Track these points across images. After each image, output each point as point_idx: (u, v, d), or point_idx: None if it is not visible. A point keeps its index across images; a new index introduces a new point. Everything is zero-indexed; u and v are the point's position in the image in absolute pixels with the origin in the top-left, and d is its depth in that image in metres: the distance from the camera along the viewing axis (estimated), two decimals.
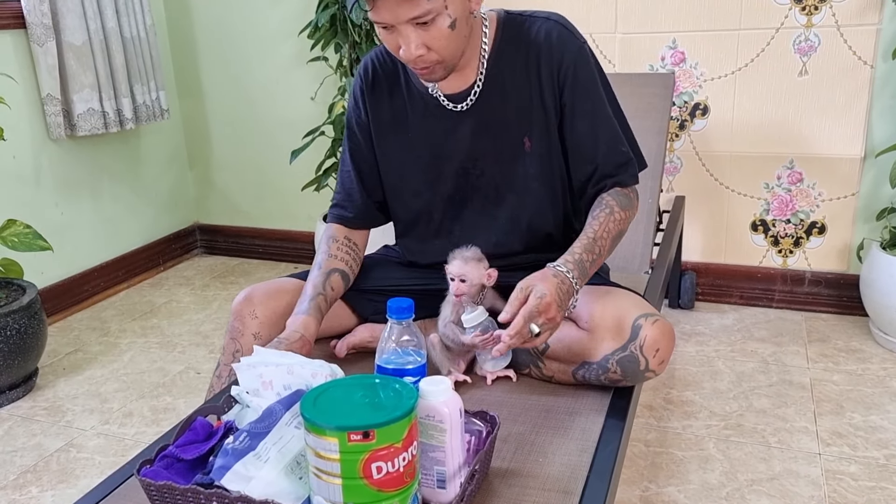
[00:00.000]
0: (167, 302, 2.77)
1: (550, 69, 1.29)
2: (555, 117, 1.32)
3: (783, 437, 1.75)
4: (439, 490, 0.95)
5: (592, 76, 1.31)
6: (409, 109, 1.37)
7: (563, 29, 1.30)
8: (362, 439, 0.83)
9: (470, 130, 1.34)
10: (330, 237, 1.44)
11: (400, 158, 1.40)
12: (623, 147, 1.33)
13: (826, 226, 2.33)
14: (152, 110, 2.78)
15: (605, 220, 1.26)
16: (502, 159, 1.35)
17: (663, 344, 1.19)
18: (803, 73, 2.22)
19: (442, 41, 1.18)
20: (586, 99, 1.30)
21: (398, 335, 0.94)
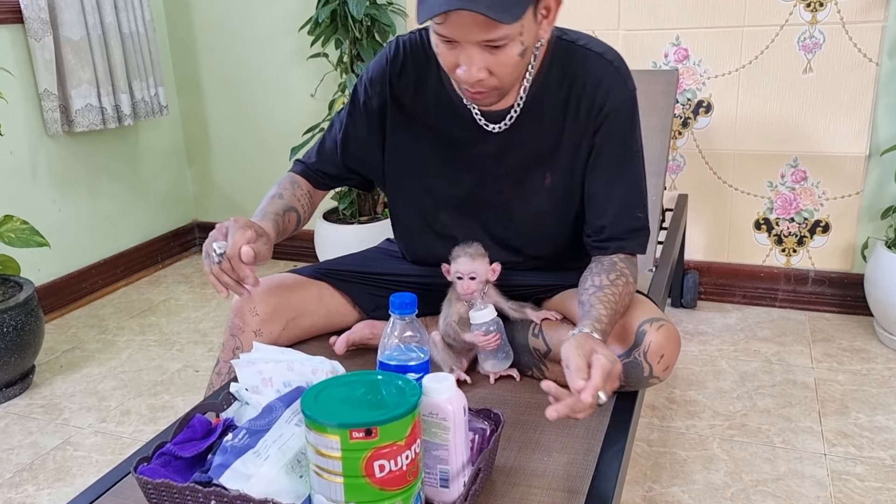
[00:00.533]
0: (165, 300, 2.74)
1: (590, 110, 1.23)
2: (584, 158, 1.27)
3: (788, 438, 1.73)
4: (442, 489, 0.93)
5: (630, 130, 1.26)
6: (435, 110, 1.31)
7: (615, 72, 1.23)
8: (364, 437, 0.81)
9: (496, 150, 1.29)
10: (294, 182, 1.41)
11: (416, 154, 1.35)
12: (640, 213, 1.27)
13: (830, 224, 2.31)
14: (151, 107, 2.76)
15: (624, 291, 1.19)
16: (521, 186, 1.31)
17: (668, 350, 1.17)
18: (808, 71, 2.20)
19: (508, 68, 1.11)
20: (616, 151, 1.25)
21: (401, 331, 0.92)
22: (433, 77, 1.30)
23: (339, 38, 2.51)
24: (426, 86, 1.31)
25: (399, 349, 0.93)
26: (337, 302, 1.45)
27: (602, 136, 1.24)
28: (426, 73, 1.31)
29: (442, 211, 1.38)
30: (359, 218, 2.65)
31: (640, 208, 1.27)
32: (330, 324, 1.44)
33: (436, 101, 1.31)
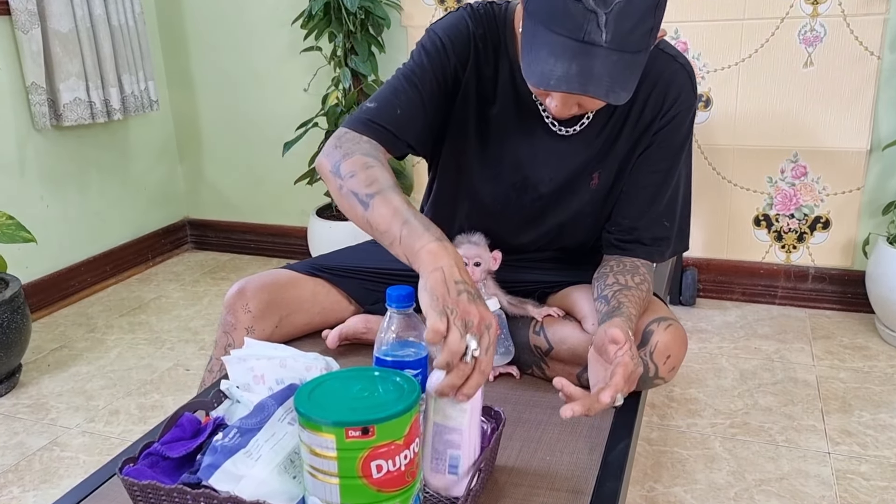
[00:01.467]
0: (156, 298, 2.70)
1: (657, 112, 1.19)
2: (634, 158, 1.23)
3: (791, 436, 1.70)
4: (450, 476, 0.88)
5: (683, 141, 1.22)
6: (500, 99, 1.23)
7: (687, 79, 1.19)
8: (361, 436, 0.77)
9: (555, 155, 1.24)
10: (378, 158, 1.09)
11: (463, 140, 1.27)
12: (668, 223, 1.23)
13: (830, 221, 2.28)
14: (141, 101, 2.71)
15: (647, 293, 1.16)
16: (565, 191, 1.27)
17: (675, 350, 1.14)
18: (808, 65, 2.17)
19: (597, 104, 1.04)
20: (665, 158, 1.21)
21: (398, 325, 0.88)
22: (503, 58, 1.21)
23: (332, 32, 2.46)
24: (499, 67, 1.22)
25: (396, 344, 0.89)
26: (332, 298, 1.41)
27: (660, 138, 1.21)
28: (497, 51, 1.21)
29: (472, 209, 1.33)
30: None
31: (670, 219, 1.24)
32: (325, 321, 1.40)
33: (500, 86, 1.22)
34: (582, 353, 1.18)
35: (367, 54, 2.44)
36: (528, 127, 1.24)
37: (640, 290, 1.16)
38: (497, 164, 1.28)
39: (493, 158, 1.28)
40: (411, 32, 2.57)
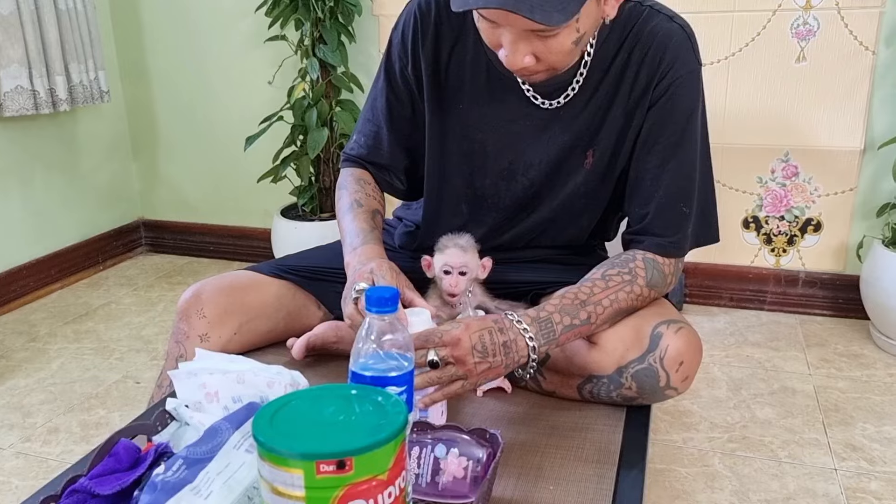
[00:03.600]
0: (105, 304, 2.50)
1: (651, 79, 1.05)
2: (634, 135, 1.08)
3: (794, 451, 1.58)
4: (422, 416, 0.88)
5: (693, 109, 1.06)
6: (470, 80, 1.12)
7: (686, 40, 1.05)
8: (335, 471, 0.62)
9: (543, 132, 1.11)
10: (360, 178, 1.22)
11: (440, 136, 1.17)
12: (685, 207, 1.07)
13: (822, 223, 2.19)
14: (90, 91, 2.51)
15: (618, 287, 1.02)
16: (557, 173, 1.13)
17: (689, 357, 1.01)
18: (801, 60, 2.08)
19: (558, 56, 0.94)
20: (672, 132, 1.06)
21: (379, 333, 0.73)
22: (470, 40, 1.11)
23: (299, 19, 2.31)
24: (461, 51, 1.12)
25: (376, 356, 0.74)
26: (299, 303, 1.25)
27: (658, 112, 1.06)
28: (462, 35, 1.11)
29: (464, 205, 1.21)
30: (320, 214, 2.45)
31: (686, 202, 1.07)
32: (291, 328, 1.24)
33: (472, 68, 1.11)
34: (582, 362, 1.04)
35: (337, 44, 2.29)
36: (507, 104, 1.11)
37: (610, 281, 1.02)
38: (480, 153, 1.15)
39: (474, 148, 1.16)
40: (383, 22, 2.42)
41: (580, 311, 0.98)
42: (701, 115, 1.09)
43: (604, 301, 1.01)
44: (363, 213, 1.16)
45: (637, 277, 1.04)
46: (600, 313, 1.00)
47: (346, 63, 2.36)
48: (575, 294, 1.00)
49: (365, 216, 1.15)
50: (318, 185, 2.45)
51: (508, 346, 0.92)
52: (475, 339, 0.90)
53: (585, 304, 0.99)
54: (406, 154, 1.23)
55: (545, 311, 0.97)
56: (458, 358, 0.89)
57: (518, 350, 0.93)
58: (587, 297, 0.99)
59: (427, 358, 0.87)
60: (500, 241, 1.21)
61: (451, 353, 0.89)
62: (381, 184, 1.25)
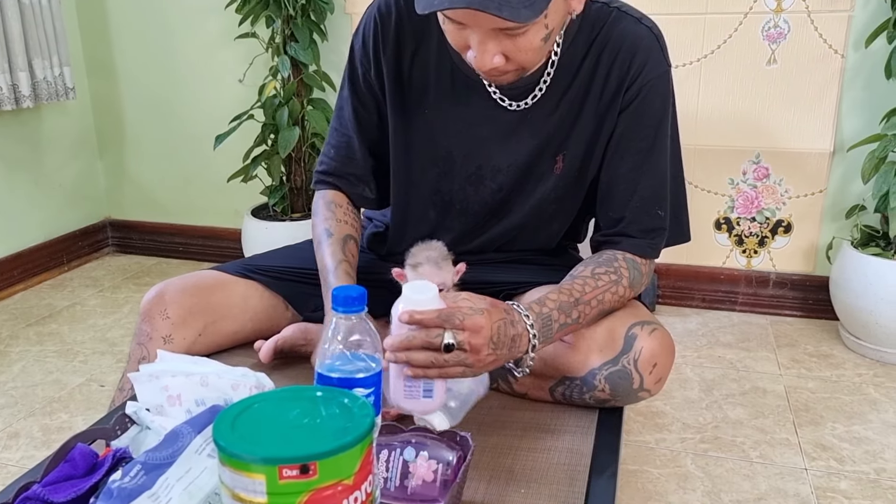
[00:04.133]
0: (70, 305, 2.44)
1: (621, 82, 1.04)
2: (605, 140, 1.07)
3: (765, 451, 1.58)
4: (425, 399, 0.85)
5: (664, 112, 1.06)
6: (434, 84, 1.09)
7: (654, 42, 1.04)
8: (299, 475, 0.60)
9: (511, 135, 1.09)
10: (331, 202, 1.18)
11: (404, 142, 1.14)
12: (660, 210, 1.07)
13: (792, 224, 2.21)
14: (55, 88, 2.45)
15: (606, 288, 1.01)
16: (526, 177, 1.12)
17: (662, 359, 1.00)
18: (772, 62, 2.09)
19: (528, 54, 0.92)
20: (644, 136, 1.05)
21: (346, 333, 0.71)
22: (434, 42, 1.08)
23: (270, 16, 2.27)
24: (425, 53, 1.09)
25: (343, 357, 0.72)
26: (267, 304, 1.23)
27: (630, 116, 1.05)
28: (424, 37, 1.08)
29: (432, 213, 1.18)
30: (291, 214, 2.42)
31: (661, 205, 1.07)
32: (258, 329, 1.22)
33: (437, 71, 1.09)
34: (555, 364, 1.03)
35: (309, 41, 2.26)
36: (473, 107, 1.09)
37: (599, 280, 1.01)
38: (446, 158, 1.13)
39: (440, 153, 1.13)
40: (356, 20, 2.39)
41: (573, 309, 0.97)
42: (672, 117, 1.08)
43: (592, 301, 1.00)
44: (333, 245, 1.11)
45: (622, 278, 1.03)
46: (587, 313, 0.99)
47: (317, 61, 2.33)
48: (569, 291, 0.98)
49: (334, 247, 1.11)
50: (290, 185, 2.41)
51: (515, 340, 0.90)
52: (494, 329, 0.86)
53: (578, 302, 0.98)
54: (377, 161, 1.20)
55: (546, 308, 0.95)
56: (474, 346, 0.84)
57: (520, 345, 0.91)
58: (580, 296, 0.98)
59: (444, 340, 0.82)
60: (470, 247, 1.19)
61: (468, 339, 0.84)
62: (354, 198, 1.21)
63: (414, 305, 0.83)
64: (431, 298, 0.83)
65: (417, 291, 0.84)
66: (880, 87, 2.02)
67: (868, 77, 2.03)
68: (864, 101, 2.05)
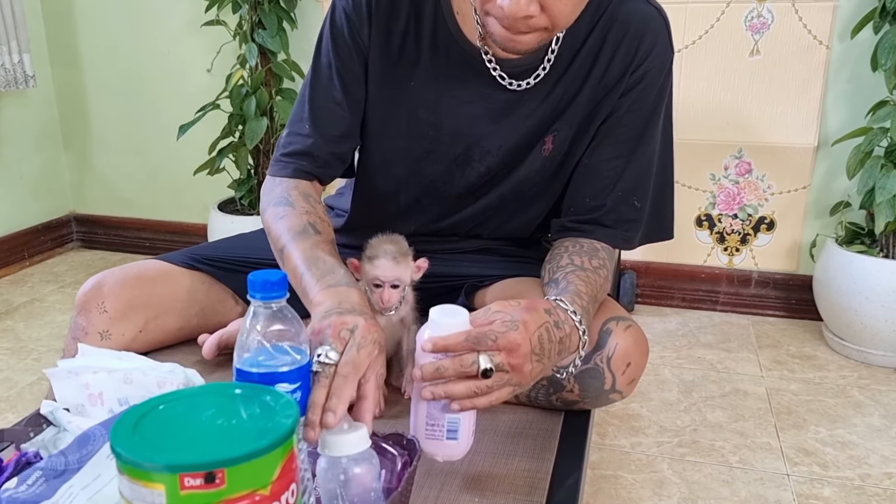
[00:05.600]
0: (28, 301, 2.34)
1: (627, 65, 0.97)
2: (598, 122, 1.00)
3: (745, 456, 1.51)
4: (449, 441, 0.76)
5: (660, 100, 1.00)
6: (427, 55, 1.00)
7: (663, 28, 0.98)
8: (203, 485, 0.52)
9: (505, 116, 1.01)
10: (307, 195, 1.01)
11: (383, 116, 1.05)
12: (639, 202, 1.01)
13: (775, 221, 2.15)
14: (13, 75, 2.36)
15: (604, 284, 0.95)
16: (514, 158, 1.04)
17: (636, 358, 0.93)
18: (755, 53, 2.03)
19: (566, 6, 0.82)
20: (639, 123, 0.99)
21: (265, 323, 0.63)
22: (428, 11, 0.99)
23: (236, 2, 2.19)
24: (417, 23, 1.00)
25: (264, 350, 0.64)
26: (214, 297, 1.15)
27: (629, 101, 0.98)
28: (425, 3, 0.99)
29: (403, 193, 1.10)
30: (258, 208, 2.33)
31: (640, 197, 1.01)
32: (204, 324, 1.14)
33: (432, 42, 1.00)
34: None
35: (277, 29, 2.17)
36: (468, 84, 1.01)
37: (598, 275, 0.94)
38: (431, 137, 1.04)
39: (424, 131, 1.04)
40: (326, 7, 2.31)
41: (594, 304, 0.91)
42: (667, 106, 1.02)
43: (600, 295, 0.94)
44: (329, 245, 0.94)
45: (609, 271, 0.98)
46: (597, 304, 0.93)
47: (286, 50, 2.25)
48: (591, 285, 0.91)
49: (331, 248, 0.94)
50: (257, 178, 2.33)
51: (563, 341, 0.80)
52: (535, 341, 0.76)
53: (595, 299, 0.91)
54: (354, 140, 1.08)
55: (584, 299, 0.86)
56: (515, 366, 0.74)
57: (570, 346, 0.82)
58: (595, 293, 0.91)
59: (480, 366, 0.72)
60: (441, 227, 1.12)
61: (507, 360, 0.74)
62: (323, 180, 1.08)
63: (442, 331, 0.73)
64: (462, 322, 0.73)
65: (446, 315, 0.74)
66: (866, 79, 1.96)
67: (853, 69, 1.98)
68: (850, 94, 2.00)
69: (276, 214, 0.98)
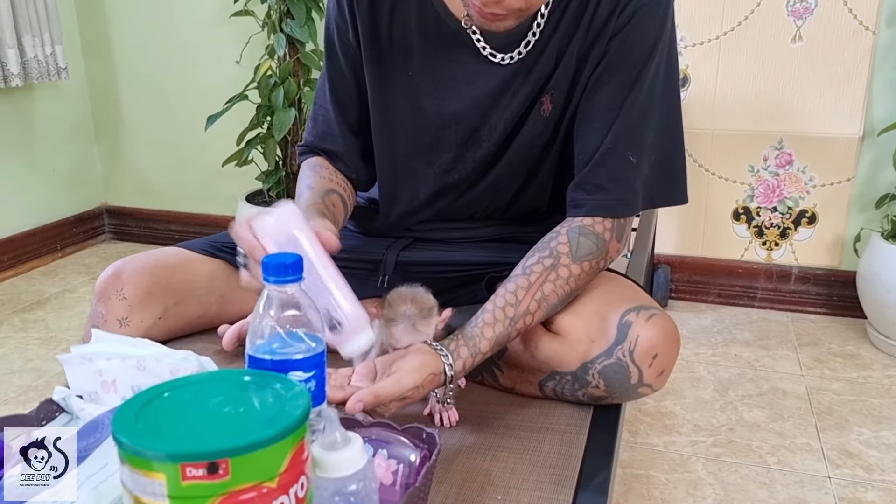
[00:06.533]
0: (59, 292, 2.36)
1: (612, 9, 0.91)
2: (590, 71, 0.94)
3: (784, 457, 1.45)
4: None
5: (656, 42, 0.92)
6: (418, 41, 0.98)
7: None
8: (206, 476, 0.49)
9: (506, 90, 0.97)
10: (315, 165, 1.07)
11: (386, 111, 1.03)
12: (633, 157, 0.93)
13: (817, 215, 2.07)
14: (46, 67, 2.37)
15: (540, 281, 0.89)
16: (519, 126, 1.00)
17: (664, 348, 0.87)
18: (797, 40, 1.95)
19: None
20: (630, 69, 0.92)
21: (279, 308, 0.60)
22: None
23: None
24: (406, 5, 0.97)
25: (278, 337, 0.60)
26: (234, 285, 1.11)
27: (618, 44, 0.92)
28: None
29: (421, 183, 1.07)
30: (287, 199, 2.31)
31: (635, 150, 0.93)
32: (224, 313, 1.11)
33: (420, 26, 0.97)
34: (544, 357, 0.91)
35: (305, 18, 2.15)
36: (464, 65, 0.97)
37: (532, 274, 0.89)
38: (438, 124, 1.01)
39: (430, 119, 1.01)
40: None
41: (512, 329, 0.87)
42: (667, 53, 0.94)
43: (531, 306, 0.88)
44: (311, 196, 0.99)
45: (560, 257, 0.90)
46: (529, 321, 0.89)
47: (315, 40, 2.23)
48: (505, 312, 0.88)
49: (312, 196, 0.99)
50: (286, 170, 2.31)
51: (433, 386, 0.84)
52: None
53: (515, 322, 0.87)
54: (359, 138, 1.09)
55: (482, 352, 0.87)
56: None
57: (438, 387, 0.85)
58: (514, 314, 0.87)
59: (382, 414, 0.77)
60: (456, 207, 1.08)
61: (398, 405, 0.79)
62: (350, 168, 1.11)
63: None
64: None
65: None
66: None
67: None
68: None
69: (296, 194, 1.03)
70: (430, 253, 1.10)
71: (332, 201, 1.01)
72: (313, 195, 0.99)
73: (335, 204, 1.01)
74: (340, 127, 1.07)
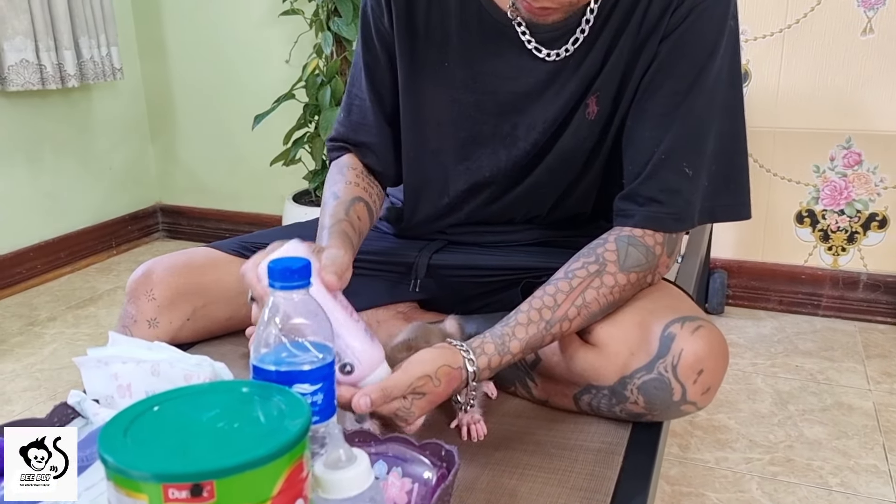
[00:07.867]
0: (112, 289, 2.40)
1: (663, 8, 0.85)
2: (640, 73, 0.89)
3: (847, 479, 1.35)
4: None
5: (716, 44, 0.86)
6: (458, 31, 0.94)
7: None
8: (189, 498, 0.46)
9: (548, 88, 0.92)
10: (343, 165, 1.04)
11: (420, 103, 0.99)
12: (690, 169, 0.86)
13: (888, 219, 1.94)
14: (101, 68, 2.41)
15: (583, 287, 0.83)
16: (561, 128, 0.95)
17: (710, 363, 0.80)
18: (867, 32, 1.83)
19: None
20: (687, 71, 0.86)
21: (285, 315, 0.56)
22: None
23: None
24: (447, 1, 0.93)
25: (283, 347, 0.57)
26: None
27: (673, 45, 0.86)
28: None
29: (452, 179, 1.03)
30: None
31: (692, 162, 0.87)
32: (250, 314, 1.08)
33: (461, 16, 0.93)
34: (580, 369, 0.85)
35: (353, 16, 2.13)
36: (506, 58, 0.93)
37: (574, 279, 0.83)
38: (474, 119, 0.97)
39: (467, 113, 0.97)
40: None
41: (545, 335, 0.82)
42: (729, 56, 0.87)
43: (570, 311, 0.82)
44: (336, 206, 0.95)
45: (606, 264, 0.84)
46: (567, 328, 0.83)
47: None
48: (542, 315, 0.82)
49: (336, 209, 0.94)
50: None
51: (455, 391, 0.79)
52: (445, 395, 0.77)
53: (550, 327, 0.81)
54: (394, 128, 1.05)
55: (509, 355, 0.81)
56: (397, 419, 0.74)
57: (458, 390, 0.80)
58: (550, 318, 0.82)
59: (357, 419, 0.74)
60: (491, 212, 1.03)
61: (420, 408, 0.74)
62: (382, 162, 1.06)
63: None
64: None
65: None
66: None
67: None
68: None
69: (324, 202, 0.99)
70: (463, 256, 1.06)
71: (358, 212, 0.97)
72: (338, 209, 0.94)
73: (360, 216, 0.97)
74: (376, 117, 1.03)
